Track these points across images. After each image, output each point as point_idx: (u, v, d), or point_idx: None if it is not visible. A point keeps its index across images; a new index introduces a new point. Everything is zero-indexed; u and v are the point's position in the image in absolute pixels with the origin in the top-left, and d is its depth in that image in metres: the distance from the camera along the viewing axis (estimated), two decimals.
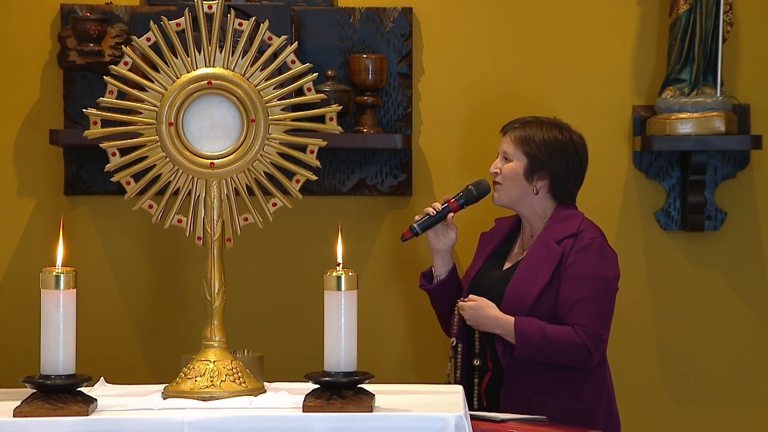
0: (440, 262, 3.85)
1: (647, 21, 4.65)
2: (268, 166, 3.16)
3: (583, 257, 3.69)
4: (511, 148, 3.80)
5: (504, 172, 3.80)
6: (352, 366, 2.94)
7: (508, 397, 3.67)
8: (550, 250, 3.71)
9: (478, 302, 3.70)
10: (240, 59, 3.13)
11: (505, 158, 3.81)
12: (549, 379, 3.68)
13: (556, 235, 3.74)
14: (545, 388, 3.67)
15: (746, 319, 4.66)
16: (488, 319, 3.68)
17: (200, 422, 2.84)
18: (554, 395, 3.68)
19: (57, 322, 2.85)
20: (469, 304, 3.71)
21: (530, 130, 3.81)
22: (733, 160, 4.63)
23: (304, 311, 4.60)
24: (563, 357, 3.65)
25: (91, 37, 4.42)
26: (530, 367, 3.66)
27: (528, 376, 3.67)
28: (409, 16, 4.62)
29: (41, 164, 4.64)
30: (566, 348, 3.63)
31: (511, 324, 3.64)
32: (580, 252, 3.69)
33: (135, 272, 4.67)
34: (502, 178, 3.80)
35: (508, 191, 3.80)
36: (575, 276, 3.67)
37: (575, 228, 3.74)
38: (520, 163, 3.78)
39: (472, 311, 3.70)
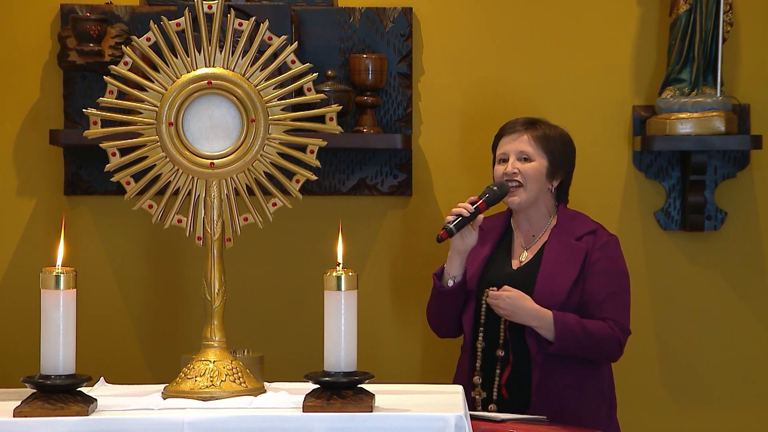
0: (458, 263, 3.75)
1: (647, 21, 4.65)
2: (268, 166, 3.16)
3: (607, 253, 3.75)
4: (531, 148, 3.78)
5: (527, 172, 3.76)
6: (352, 366, 2.94)
7: (541, 394, 3.65)
8: (572, 247, 3.72)
9: (516, 293, 3.65)
10: (240, 59, 3.13)
11: (524, 159, 3.77)
12: (577, 375, 3.70)
13: (572, 233, 3.75)
14: (575, 385, 3.69)
15: (746, 319, 4.66)
16: (525, 311, 3.64)
17: (200, 422, 2.84)
18: (582, 391, 3.70)
19: (57, 322, 2.85)
20: (507, 294, 3.65)
21: (545, 129, 3.82)
22: (733, 160, 4.63)
23: (304, 311, 4.60)
24: (599, 351, 3.68)
25: (91, 37, 4.42)
26: (561, 362, 3.67)
27: (559, 372, 3.67)
28: (409, 16, 4.62)
29: (41, 164, 4.64)
30: (603, 342, 3.66)
31: (550, 317, 3.63)
32: (603, 248, 3.75)
33: (135, 272, 4.67)
34: (524, 179, 3.76)
35: (530, 192, 3.77)
36: (602, 272, 3.72)
37: (592, 225, 3.80)
38: (543, 162, 3.78)
39: (510, 301, 3.64)
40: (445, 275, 3.77)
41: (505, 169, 3.78)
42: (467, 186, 4.64)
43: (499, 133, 3.89)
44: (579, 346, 3.64)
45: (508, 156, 3.80)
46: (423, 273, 4.64)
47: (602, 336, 3.67)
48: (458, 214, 3.69)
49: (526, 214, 3.81)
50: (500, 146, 3.84)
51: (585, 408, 3.70)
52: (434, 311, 3.86)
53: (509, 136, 3.82)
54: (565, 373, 3.68)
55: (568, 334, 3.62)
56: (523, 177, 3.76)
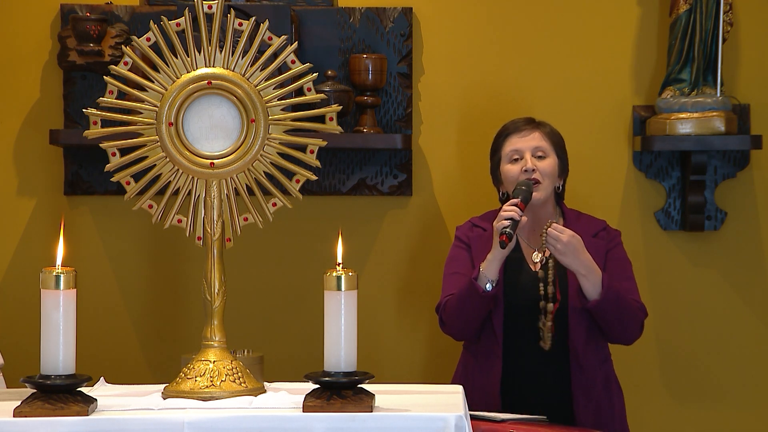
0: (498, 266, 3.65)
1: (647, 21, 4.65)
2: (268, 166, 3.16)
3: (618, 246, 3.81)
4: (546, 144, 3.77)
5: (544, 168, 3.74)
6: (352, 366, 2.94)
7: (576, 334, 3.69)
8: (593, 244, 3.72)
9: (577, 236, 3.61)
10: (240, 59, 3.13)
11: (539, 156, 3.75)
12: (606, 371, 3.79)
13: (586, 231, 3.75)
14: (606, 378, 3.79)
15: (746, 318, 4.66)
16: (582, 255, 3.60)
17: (200, 422, 2.84)
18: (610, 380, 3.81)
19: (57, 322, 2.85)
20: (572, 233, 3.60)
21: (550, 127, 3.83)
22: (733, 160, 4.63)
23: (304, 311, 4.60)
24: (627, 324, 3.71)
25: (91, 37, 4.42)
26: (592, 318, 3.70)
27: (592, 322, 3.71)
28: (409, 16, 4.62)
29: (41, 164, 4.65)
30: (633, 316, 3.70)
31: (599, 272, 3.62)
32: (614, 241, 3.81)
33: (135, 272, 4.67)
34: (541, 176, 3.73)
35: (547, 189, 3.75)
36: (616, 259, 3.77)
37: (600, 222, 3.85)
38: (555, 159, 3.78)
39: (573, 240, 3.59)
40: (482, 279, 3.65)
41: (524, 166, 3.73)
42: (467, 186, 4.64)
43: (502, 133, 3.84)
44: (616, 310, 3.64)
45: (522, 153, 3.75)
46: (423, 273, 4.64)
47: (633, 309, 3.70)
48: (510, 217, 3.58)
49: (534, 214, 3.75)
50: (508, 145, 3.79)
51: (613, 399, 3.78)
52: (465, 315, 3.71)
53: (517, 135, 3.79)
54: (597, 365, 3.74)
55: (612, 294, 3.61)
56: (540, 174, 3.73)
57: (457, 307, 3.71)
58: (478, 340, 3.78)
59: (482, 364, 3.76)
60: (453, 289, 3.74)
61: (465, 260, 3.81)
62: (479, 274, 3.65)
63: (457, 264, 3.82)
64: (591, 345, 3.70)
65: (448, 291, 3.76)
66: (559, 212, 3.84)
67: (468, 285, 3.66)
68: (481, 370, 3.76)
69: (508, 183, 3.77)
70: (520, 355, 3.71)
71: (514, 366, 3.71)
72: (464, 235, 3.85)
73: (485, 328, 3.73)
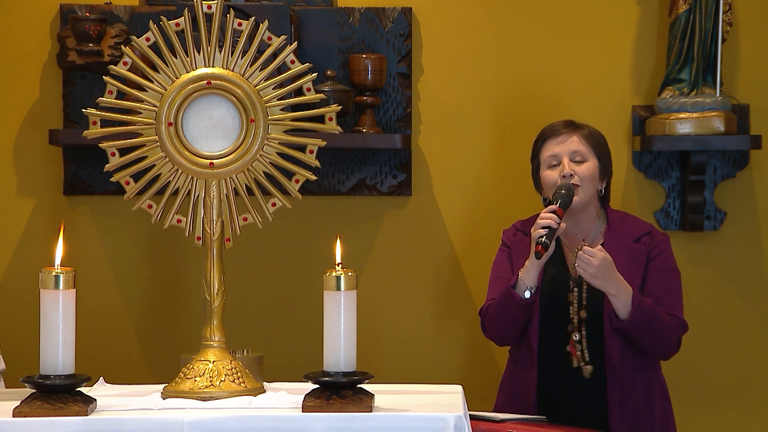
0: (536, 273, 3.61)
1: (647, 21, 4.65)
2: (267, 166, 3.16)
3: (663, 251, 3.72)
4: (584, 148, 3.70)
5: (583, 172, 3.67)
6: (352, 366, 2.94)
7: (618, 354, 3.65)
8: (632, 250, 3.68)
9: (609, 256, 3.55)
10: (239, 59, 3.13)
11: (577, 160, 3.69)
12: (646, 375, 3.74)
13: (628, 235, 3.71)
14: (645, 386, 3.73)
15: (745, 318, 4.66)
16: (612, 276, 3.54)
17: (199, 422, 2.84)
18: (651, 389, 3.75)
19: (56, 322, 2.85)
20: (603, 255, 3.54)
21: (589, 129, 3.76)
22: (733, 160, 4.63)
23: (304, 311, 4.60)
24: (661, 342, 3.64)
25: (91, 37, 4.42)
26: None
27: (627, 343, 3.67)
28: (408, 16, 4.62)
29: (41, 164, 4.64)
30: (667, 333, 3.63)
31: (630, 290, 3.56)
32: (659, 247, 3.72)
33: (134, 272, 4.67)
34: (580, 180, 3.66)
35: (587, 192, 3.68)
36: (659, 268, 3.69)
37: (646, 225, 3.76)
38: (595, 162, 3.71)
39: (605, 263, 3.53)
40: (520, 286, 3.61)
41: (562, 171, 3.67)
42: (467, 186, 4.64)
43: (540, 138, 3.77)
44: (647, 328, 3.58)
45: (561, 158, 3.69)
46: (423, 273, 4.64)
47: (668, 326, 3.63)
48: (547, 226, 3.52)
49: (575, 217, 3.69)
50: (546, 150, 3.73)
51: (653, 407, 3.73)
52: (505, 321, 3.67)
53: (555, 139, 3.72)
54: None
55: (642, 312, 3.56)
56: (579, 178, 3.66)
57: (497, 314, 3.68)
58: (518, 348, 3.75)
59: (520, 372, 3.73)
60: (495, 294, 3.71)
61: (507, 264, 3.77)
62: (517, 281, 3.61)
63: (499, 268, 3.79)
64: (628, 353, 3.64)
65: (491, 295, 3.73)
66: (603, 215, 3.77)
67: (506, 292, 3.62)
68: (519, 378, 3.73)
69: (548, 189, 3.70)
70: (556, 363, 3.67)
71: (549, 374, 3.68)
72: (507, 239, 3.81)
73: (524, 336, 3.70)
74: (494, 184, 4.61)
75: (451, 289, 4.64)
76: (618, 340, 3.62)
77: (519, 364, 3.74)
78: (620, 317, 3.58)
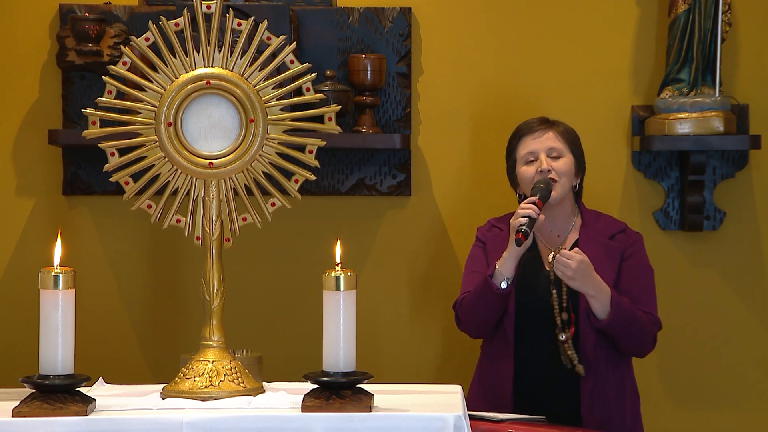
0: (514, 264, 3.65)
1: (646, 21, 4.65)
2: (266, 166, 3.16)
3: (638, 250, 3.77)
4: (560, 144, 3.74)
5: (560, 168, 3.71)
6: (351, 366, 2.94)
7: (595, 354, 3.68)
8: (607, 247, 3.71)
9: (587, 259, 3.58)
10: (239, 59, 3.13)
11: (554, 156, 3.72)
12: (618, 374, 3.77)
13: (603, 232, 3.74)
14: (617, 382, 3.75)
15: (745, 318, 4.66)
16: (591, 278, 3.58)
17: (199, 422, 2.84)
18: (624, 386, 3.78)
19: (56, 322, 2.85)
20: (581, 258, 3.57)
21: (564, 126, 3.80)
22: (732, 160, 4.63)
23: (303, 311, 4.59)
24: (637, 340, 3.68)
25: (90, 37, 4.42)
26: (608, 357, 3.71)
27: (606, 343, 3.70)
28: (408, 16, 4.62)
29: (40, 164, 4.64)
30: (644, 331, 3.68)
31: (609, 291, 3.60)
32: (633, 245, 3.76)
33: (134, 272, 4.67)
34: (557, 175, 3.70)
35: (563, 188, 3.72)
36: (634, 267, 3.73)
37: (620, 224, 3.81)
38: (571, 158, 3.75)
39: (583, 265, 3.57)
40: (497, 277, 3.64)
41: (539, 167, 3.70)
42: (466, 186, 4.64)
43: (516, 135, 3.81)
44: (625, 328, 3.63)
45: (538, 155, 3.73)
46: (422, 272, 4.64)
47: (644, 325, 3.67)
48: (527, 215, 3.58)
49: (551, 213, 3.72)
50: (523, 147, 3.76)
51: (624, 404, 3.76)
52: (480, 313, 3.70)
53: (531, 135, 3.76)
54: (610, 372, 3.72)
55: (621, 313, 3.60)
56: (556, 174, 3.70)
57: (473, 305, 3.71)
58: (491, 341, 3.77)
59: (494, 365, 3.75)
60: (470, 287, 3.74)
61: (482, 259, 3.80)
62: (495, 271, 3.64)
63: (474, 263, 3.82)
64: (602, 346, 3.68)
65: (465, 289, 3.77)
66: (578, 211, 3.81)
67: (483, 283, 3.66)
68: (493, 371, 3.75)
69: (525, 185, 3.74)
70: (531, 355, 3.70)
71: (525, 366, 3.70)
72: (482, 235, 3.85)
73: (498, 328, 3.73)
74: (493, 184, 4.61)
75: (451, 289, 4.63)
76: (592, 333, 3.66)
77: (492, 357, 3.77)
78: (599, 318, 3.62)
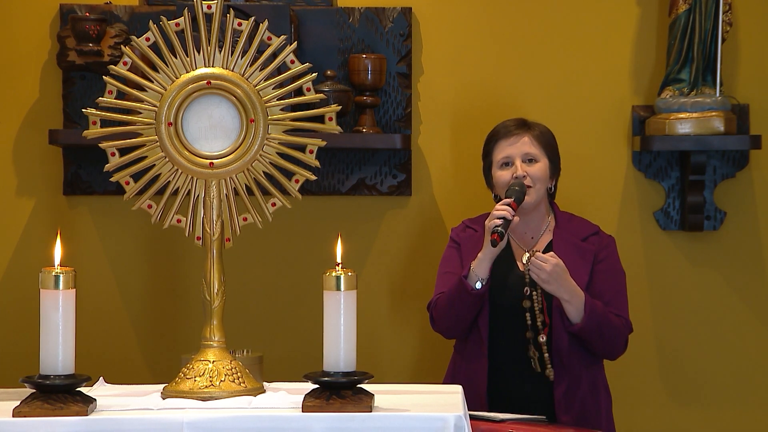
0: (488, 265, 3.67)
1: (646, 21, 4.65)
2: (267, 166, 3.16)
3: (610, 254, 3.79)
4: (535, 149, 3.75)
5: (535, 173, 3.73)
6: (352, 366, 2.94)
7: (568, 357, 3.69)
8: (581, 249, 3.73)
9: (561, 263, 3.61)
10: (239, 59, 3.13)
11: (529, 160, 3.74)
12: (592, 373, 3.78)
13: (577, 234, 3.76)
14: (591, 381, 3.76)
15: (745, 318, 4.66)
16: (565, 282, 3.60)
17: (199, 422, 2.84)
18: (595, 386, 3.78)
19: (56, 322, 2.85)
20: (555, 261, 3.59)
21: (540, 128, 3.81)
22: (733, 160, 4.63)
23: (304, 311, 4.60)
24: (610, 343, 3.70)
25: (91, 37, 4.42)
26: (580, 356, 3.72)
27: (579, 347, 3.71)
28: (408, 16, 4.62)
29: (40, 164, 4.64)
30: (616, 334, 3.70)
31: (582, 296, 3.62)
32: (606, 248, 3.78)
33: (134, 272, 4.67)
34: (532, 180, 3.72)
35: (539, 192, 3.74)
36: (607, 270, 3.76)
37: (593, 226, 3.83)
38: (546, 161, 3.76)
39: (557, 269, 3.59)
40: (472, 278, 3.66)
41: (514, 173, 3.73)
42: (466, 186, 4.64)
43: (492, 138, 3.83)
44: (598, 332, 3.65)
45: (513, 159, 3.75)
46: (422, 273, 4.64)
47: (617, 328, 3.70)
48: (502, 216, 3.60)
49: (525, 215, 3.75)
50: (499, 150, 3.79)
51: (598, 403, 3.76)
52: (454, 313, 3.72)
53: (507, 140, 3.78)
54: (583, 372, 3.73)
55: (594, 317, 3.62)
56: (531, 179, 3.72)
57: (447, 305, 3.73)
58: (465, 340, 3.79)
59: (469, 364, 3.77)
60: (444, 288, 3.76)
61: (456, 260, 3.82)
62: (469, 272, 3.67)
63: (448, 263, 3.84)
64: (575, 347, 3.70)
65: (440, 290, 3.79)
66: (551, 213, 3.83)
67: (458, 283, 3.68)
68: (468, 370, 3.77)
69: (500, 188, 3.78)
70: (505, 354, 3.72)
71: (499, 365, 3.72)
72: (456, 236, 3.87)
73: (472, 328, 3.75)
74: None
75: None
76: (566, 335, 3.67)
77: (467, 357, 3.78)
78: (572, 321, 3.65)
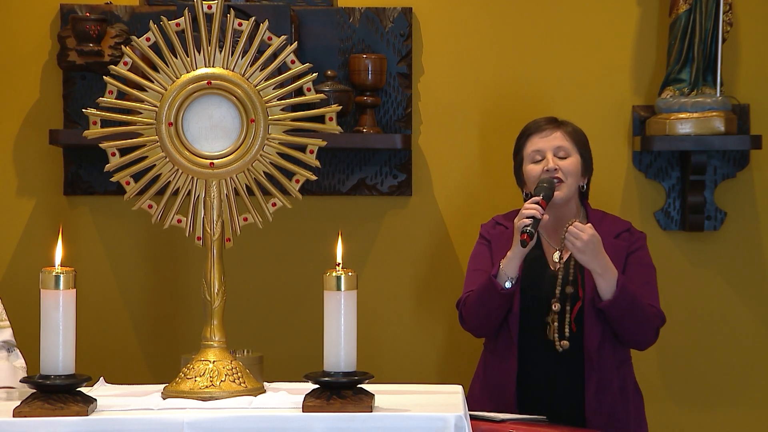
0: (518, 264, 3.64)
1: (647, 21, 4.65)
2: (267, 166, 3.16)
3: (642, 249, 3.78)
4: (568, 144, 3.74)
5: (567, 168, 3.72)
6: (352, 366, 2.94)
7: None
8: (613, 245, 3.71)
9: (597, 234, 3.59)
10: (240, 59, 3.13)
11: (561, 155, 3.73)
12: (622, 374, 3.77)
13: (609, 232, 3.74)
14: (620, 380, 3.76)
15: (746, 319, 4.66)
16: (600, 254, 3.58)
17: (200, 422, 2.84)
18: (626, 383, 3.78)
19: (57, 322, 2.85)
20: (592, 232, 3.57)
21: (572, 126, 3.80)
22: (733, 160, 4.63)
23: (304, 311, 4.60)
24: (640, 328, 3.67)
25: (91, 37, 4.42)
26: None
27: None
28: (408, 16, 4.62)
29: (41, 164, 4.64)
30: (647, 320, 3.67)
31: (616, 272, 3.60)
32: (638, 243, 3.78)
33: (135, 272, 4.67)
34: (564, 175, 3.70)
35: (570, 188, 3.73)
36: (639, 264, 3.75)
37: (625, 223, 3.82)
38: (578, 158, 3.75)
39: (595, 239, 3.57)
40: (501, 277, 3.64)
41: (546, 166, 3.71)
42: (467, 186, 4.64)
43: (524, 134, 3.81)
44: (629, 312, 3.62)
45: (545, 154, 3.73)
46: (422, 272, 4.64)
47: (648, 314, 3.67)
48: (531, 216, 3.57)
49: (556, 213, 3.72)
50: (530, 145, 3.76)
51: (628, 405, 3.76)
52: (484, 312, 3.70)
53: (539, 134, 3.76)
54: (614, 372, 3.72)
55: (626, 296, 3.59)
56: (563, 173, 3.71)
57: (477, 304, 3.70)
58: (495, 339, 3.77)
59: (499, 363, 3.75)
60: (474, 286, 3.73)
61: (486, 257, 3.80)
62: (499, 271, 3.64)
63: (478, 261, 3.81)
64: (606, 347, 3.68)
65: (469, 287, 3.75)
66: (583, 212, 3.81)
67: (487, 282, 3.65)
68: (497, 369, 3.75)
69: (531, 183, 3.74)
70: (535, 354, 3.70)
71: (529, 366, 3.70)
72: (486, 233, 3.84)
73: (502, 327, 3.72)
74: (495, 184, 4.61)
75: (452, 289, 4.63)
76: (597, 333, 3.66)
77: (496, 356, 3.76)
78: (603, 298, 3.61)
